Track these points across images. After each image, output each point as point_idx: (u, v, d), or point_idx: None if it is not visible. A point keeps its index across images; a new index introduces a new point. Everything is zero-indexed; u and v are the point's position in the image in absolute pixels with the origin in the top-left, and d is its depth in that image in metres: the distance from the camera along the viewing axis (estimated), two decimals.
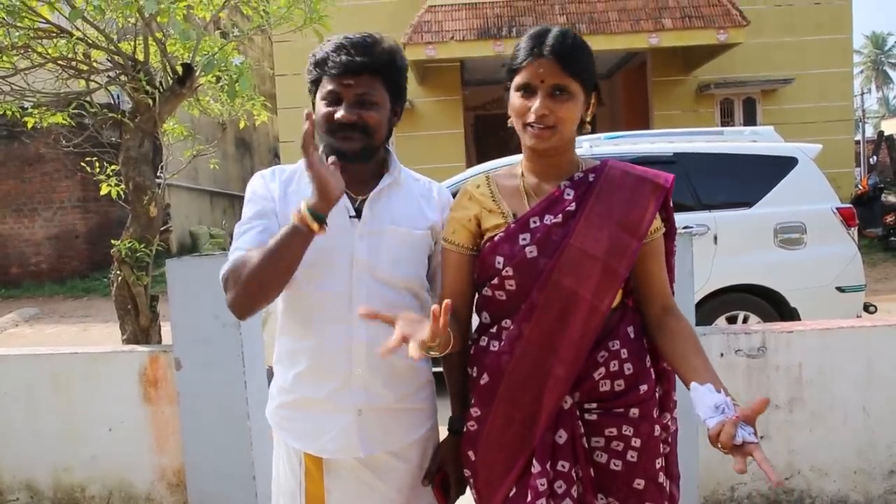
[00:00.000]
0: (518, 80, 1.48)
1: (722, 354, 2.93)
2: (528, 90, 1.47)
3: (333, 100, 1.55)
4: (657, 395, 1.56)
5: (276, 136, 15.50)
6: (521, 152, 1.60)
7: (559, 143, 1.50)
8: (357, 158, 1.58)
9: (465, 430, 1.58)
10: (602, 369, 1.47)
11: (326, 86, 1.56)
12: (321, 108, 1.57)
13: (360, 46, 1.54)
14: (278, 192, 1.62)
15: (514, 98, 1.50)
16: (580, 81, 1.46)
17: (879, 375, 2.94)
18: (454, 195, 1.69)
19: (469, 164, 12.80)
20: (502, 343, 1.50)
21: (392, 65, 1.59)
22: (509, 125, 1.55)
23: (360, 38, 1.57)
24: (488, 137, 15.36)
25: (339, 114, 1.53)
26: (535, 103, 1.44)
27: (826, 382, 2.95)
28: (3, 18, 3.00)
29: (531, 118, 1.45)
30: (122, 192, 3.62)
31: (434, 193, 1.73)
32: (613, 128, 8.40)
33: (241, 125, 4.44)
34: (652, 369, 1.55)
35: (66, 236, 12.61)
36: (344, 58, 1.53)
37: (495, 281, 1.50)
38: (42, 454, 3.20)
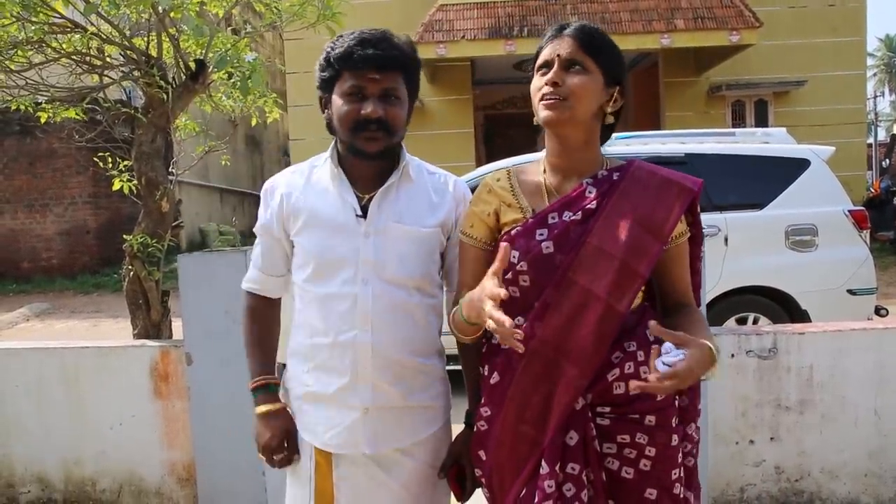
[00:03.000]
0: (539, 61, 1.50)
1: (733, 355, 2.92)
2: (546, 67, 1.48)
3: (357, 95, 1.54)
4: (678, 403, 1.51)
5: (287, 134, 15.54)
6: (533, 150, 1.59)
7: (572, 121, 1.46)
8: (377, 158, 1.58)
9: (475, 429, 1.56)
10: (616, 370, 1.42)
11: (349, 80, 1.54)
12: (342, 105, 1.55)
13: (384, 41, 1.54)
14: (285, 191, 1.67)
15: (534, 80, 1.50)
16: (597, 61, 1.46)
17: (891, 378, 2.92)
18: (473, 189, 1.68)
19: (479, 164, 12.79)
20: None
21: (415, 60, 1.61)
22: (535, 122, 1.52)
23: (381, 33, 1.56)
24: (498, 137, 15.35)
25: (367, 109, 1.52)
26: (550, 74, 1.45)
27: (837, 385, 2.93)
28: (19, 13, 3.02)
29: (545, 89, 1.45)
30: (134, 188, 3.64)
31: (449, 188, 1.70)
32: (624, 128, 8.32)
33: (253, 122, 4.45)
34: None
35: (77, 232, 12.68)
36: (371, 51, 1.52)
37: (509, 276, 1.46)
38: (53, 447, 3.23)
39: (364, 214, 1.60)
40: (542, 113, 1.46)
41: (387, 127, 1.54)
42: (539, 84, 1.47)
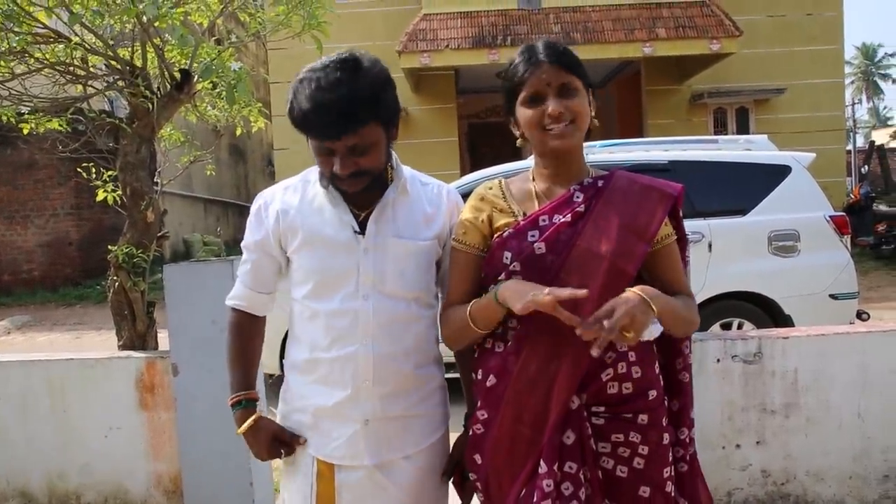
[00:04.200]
0: (524, 94, 1.52)
1: (718, 360, 2.95)
2: (535, 99, 1.51)
3: (326, 153, 1.51)
4: (667, 406, 1.57)
5: (271, 144, 15.50)
6: (517, 158, 1.64)
7: (579, 140, 1.54)
8: (363, 192, 1.58)
9: (470, 433, 1.59)
10: (610, 370, 1.48)
11: (313, 141, 1.51)
12: (315, 156, 1.55)
13: (340, 102, 1.43)
14: (280, 208, 1.65)
15: (523, 113, 1.53)
16: (580, 78, 1.52)
17: (874, 381, 2.96)
18: (463, 198, 1.71)
19: (463, 172, 12.81)
20: (508, 344, 1.52)
21: (377, 102, 1.48)
22: (519, 144, 1.59)
23: (336, 81, 1.44)
24: (482, 145, 15.40)
25: (336, 168, 1.50)
26: (549, 106, 1.48)
27: (821, 388, 2.96)
28: (2, 23, 3.00)
29: (548, 121, 1.49)
30: (118, 198, 3.61)
31: (443, 198, 1.71)
32: (606, 137, 8.34)
33: (238, 132, 4.44)
34: (661, 376, 1.56)
35: (58, 244, 12.54)
36: (325, 120, 1.45)
37: (502, 277, 1.50)
38: (37, 461, 3.18)
39: (362, 231, 1.60)
40: (551, 143, 1.51)
41: (362, 174, 1.53)
42: (535, 116, 1.50)
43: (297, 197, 1.66)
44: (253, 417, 1.69)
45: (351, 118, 1.45)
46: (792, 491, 3.00)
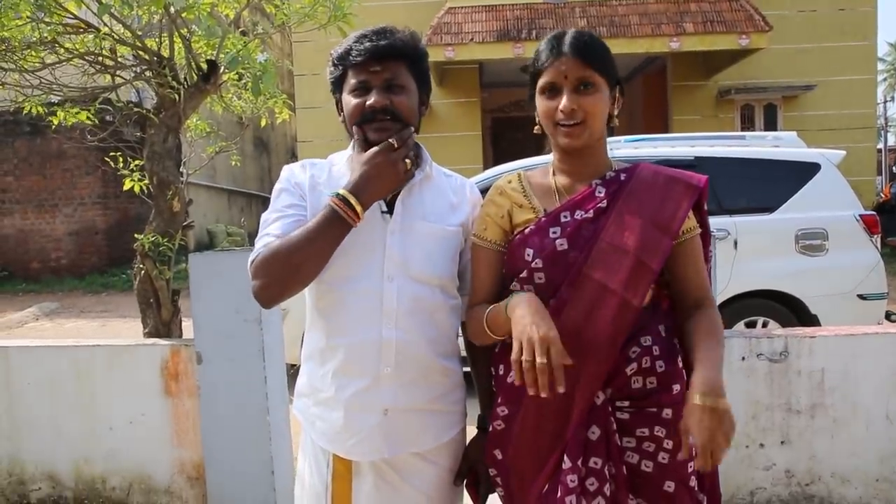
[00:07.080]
0: (542, 82, 1.50)
1: (743, 358, 2.91)
2: (553, 90, 1.49)
3: (362, 89, 1.54)
4: None
5: (294, 136, 15.58)
6: (539, 153, 1.62)
7: (590, 140, 1.50)
8: None
9: (490, 429, 1.57)
10: (634, 365, 1.46)
11: (352, 78, 1.55)
12: (350, 101, 1.55)
13: (380, 33, 1.55)
14: (308, 183, 1.62)
15: (541, 102, 1.52)
16: (602, 74, 1.48)
17: None
18: (483, 192, 1.69)
19: (486, 166, 12.78)
20: None
21: (415, 48, 1.59)
22: (536, 131, 1.57)
23: (380, 27, 1.57)
24: (505, 140, 15.35)
25: (371, 100, 1.51)
26: (563, 100, 1.46)
27: (849, 389, 2.91)
28: (33, 13, 3.04)
29: (560, 116, 1.47)
30: (145, 188, 3.65)
31: (466, 190, 1.71)
32: (631, 132, 8.25)
33: (263, 123, 4.46)
34: (684, 371, 1.53)
35: (86, 232, 12.75)
36: (367, 44, 1.52)
37: (524, 274, 1.49)
38: (64, 445, 3.24)
39: (389, 211, 1.58)
40: (562, 140, 1.50)
41: (395, 115, 1.53)
42: (550, 108, 1.49)
43: (325, 173, 1.64)
44: None
45: (391, 45, 1.54)
46: (816, 492, 2.96)
